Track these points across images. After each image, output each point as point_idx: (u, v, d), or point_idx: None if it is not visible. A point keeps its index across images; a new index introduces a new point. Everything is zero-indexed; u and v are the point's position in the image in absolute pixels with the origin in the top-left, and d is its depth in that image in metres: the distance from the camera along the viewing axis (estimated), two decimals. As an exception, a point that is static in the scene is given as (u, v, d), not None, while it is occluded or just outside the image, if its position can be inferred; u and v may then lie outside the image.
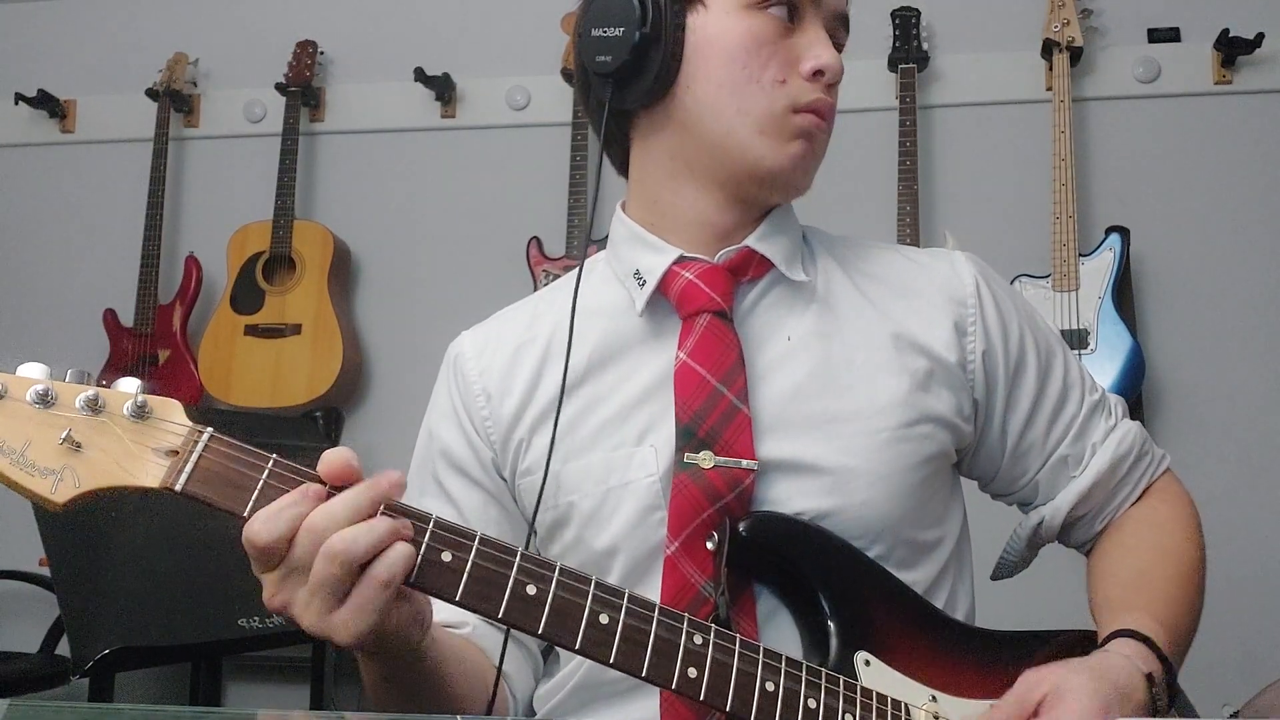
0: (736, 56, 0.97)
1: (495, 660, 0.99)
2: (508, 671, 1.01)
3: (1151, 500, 1.10)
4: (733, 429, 0.94)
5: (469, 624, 1.01)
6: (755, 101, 0.97)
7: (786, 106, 0.97)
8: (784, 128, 0.97)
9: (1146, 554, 1.04)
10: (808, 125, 0.98)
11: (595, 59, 0.99)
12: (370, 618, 0.76)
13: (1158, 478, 1.11)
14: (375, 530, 0.75)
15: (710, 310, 0.99)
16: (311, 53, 3.10)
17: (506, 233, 2.94)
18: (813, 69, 0.97)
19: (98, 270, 3.16)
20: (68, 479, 0.73)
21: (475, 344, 1.09)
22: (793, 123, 0.97)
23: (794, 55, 0.98)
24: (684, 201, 1.02)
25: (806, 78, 0.97)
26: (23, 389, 0.74)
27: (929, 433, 0.99)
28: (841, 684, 0.86)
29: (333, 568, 0.74)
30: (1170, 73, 2.78)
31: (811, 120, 0.98)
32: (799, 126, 0.98)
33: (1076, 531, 1.10)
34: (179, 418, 0.77)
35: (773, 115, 0.97)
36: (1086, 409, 1.08)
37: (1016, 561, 1.13)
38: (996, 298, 1.07)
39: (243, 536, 0.76)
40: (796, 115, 0.97)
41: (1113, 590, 1.02)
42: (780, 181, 1.00)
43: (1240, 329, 2.68)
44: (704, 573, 0.92)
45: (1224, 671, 1.49)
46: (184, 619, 1.68)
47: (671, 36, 0.97)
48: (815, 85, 0.97)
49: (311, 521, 0.75)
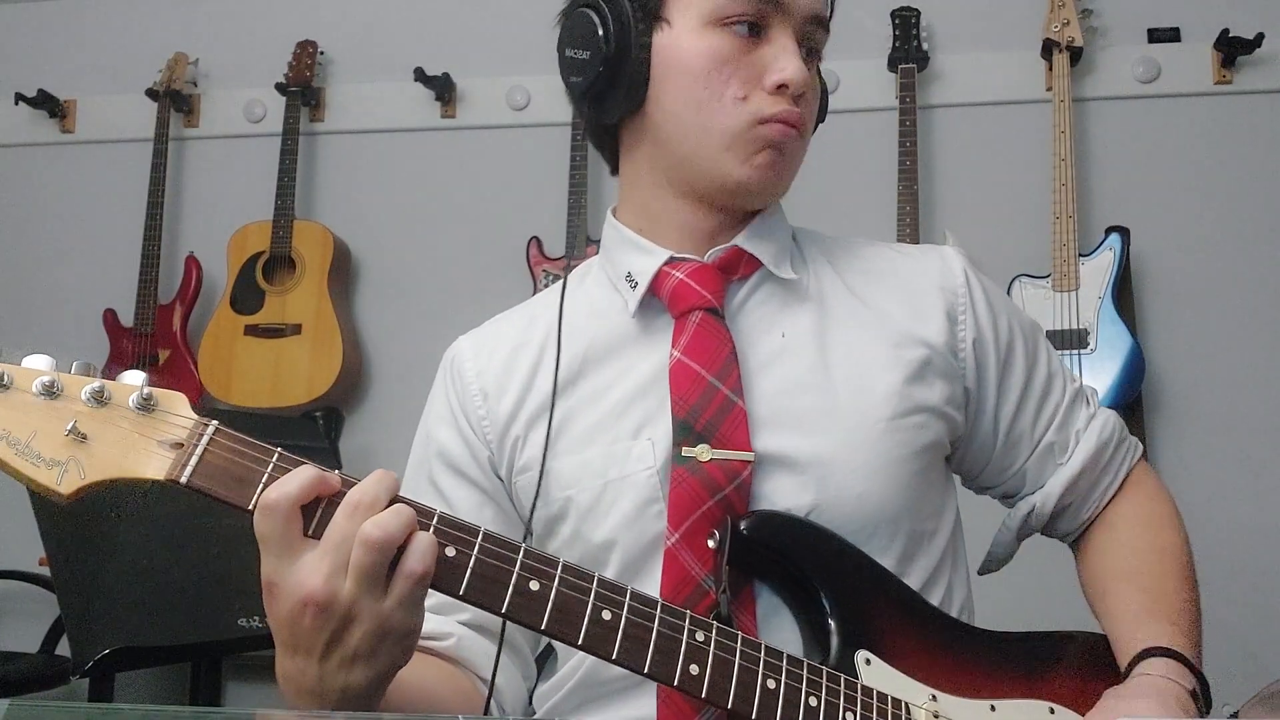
0: (698, 76, 0.98)
1: (480, 672, 1.00)
2: (498, 685, 1.01)
3: (1138, 497, 1.11)
4: (729, 422, 0.95)
5: (453, 635, 1.01)
6: (718, 119, 0.98)
7: (750, 122, 0.97)
8: (749, 142, 0.98)
9: (1152, 557, 1.05)
10: (772, 136, 0.98)
11: (569, 80, 1.03)
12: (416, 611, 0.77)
13: (1135, 464, 1.13)
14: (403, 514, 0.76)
15: (702, 307, 1.00)
16: (311, 53, 3.10)
17: (506, 233, 2.94)
18: (775, 83, 0.97)
19: (98, 270, 3.16)
20: (73, 470, 0.73)
21: (473, 346, 1.11)
22: (757, 135, 0.98)
23: (759, 69, 0.98)
24: (668, 208, 1.04)
25: (770, 91, 0.97)
26: (28, 380, 0.74)
27: (923, 423, 1.00)
28: (842, 682, 0.86)
29: (372, 555, 0.74)
30: (1170, 73, 2.78)
31: (777, 130, 0.98)
32: (764, 138, 0.98)
33: (1063, 521, 1.11)
34: (184, 410, 0.77)
35: (736, 132, 0.98)
36: (1069, 397, 1.11)
37: (1004, 554, 1.15)
38: (985, 288, 1.09)
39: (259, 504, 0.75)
40: (761, 127, 0.97)
41: (1130, 596, 1.03)
42: (751, 192, 1.01)
43: (1240, 329, 2.68)
44: (704, 565, 0.93)
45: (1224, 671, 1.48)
46: (184, 619, 1.68)
47: (637, 56, 0.99)
48: (780, 98, 0.97)
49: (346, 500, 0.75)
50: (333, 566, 0.74)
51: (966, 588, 1.07)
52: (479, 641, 1.02)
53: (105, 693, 1.76)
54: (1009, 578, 1.20)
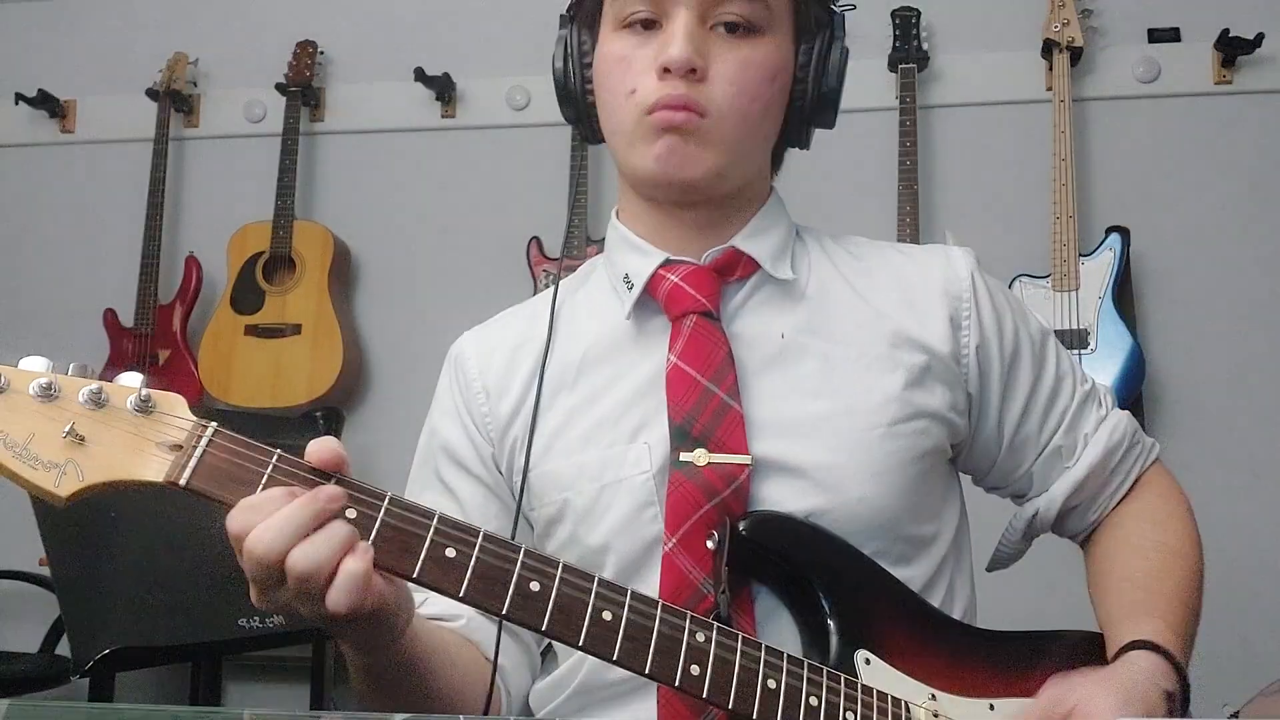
0: (603, 81, 1.01)
1: (489, 653, 0.99)
2: (503, 665, 1.01)
3: (1149, 496, 1.10)
4: (725, 426, 0.95)
5: (463, 616, 1.02)
6: (617, 118, 1.00)
7: (639, 113, 0.97)
8: (642, 132, 0.97)
9: (1154, 555, 1.05)
10: (661, 121, 0.96)
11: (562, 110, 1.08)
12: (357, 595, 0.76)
13: (1149, 467, 1.12)
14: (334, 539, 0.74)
15: (697, 311, 1.00)
16: (311, 53, 3.10)
17: (506, 233, 2.94)
18: (659, 68, 0.96)
19: (98, 270, 3.16)
20: (71, 473, 0.72)
21: (476, 343, 1.11)
22: (648, 124, 0.97)
23: (651, 60, 0.97)
24: (645, 210, 1.05)
25: (658, 77, 0.96)
26: (25, 382, 0.74)
27: (923, 428, 1.00)
28: (843, 682, 0.86)
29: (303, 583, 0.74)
30: (1170, 73, 2.78)
31: (663, 116, 0.95)
32: (654, 125, 0.96)
33: (1070, 521, 1.11)
34: (183, 412, 0.77)
35: (629, 125, 0.98)
36: (1078, 399, 1.09)
37: (1012, 553, 1.14)
38: (991, 291, 1.08)
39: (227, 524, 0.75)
40: (649, 116, 0.96)
41: (1126, 593, 1.02)
42: (662, 181, 0.99)
43: (1240, 329, 2.67)
44: (702, 568, 0.92)
45: (1224, 671, 1.48)
46: (184, 619, 1.68)
47: (581, 77, 1.04)
48: (665, 83, 0.95)
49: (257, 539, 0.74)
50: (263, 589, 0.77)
51: (970, 589, 1.07)
52: (487, 623, 1.02)
53: (105, 693, 1.76)
54: (1014, 578, 1.20)
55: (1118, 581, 1.04)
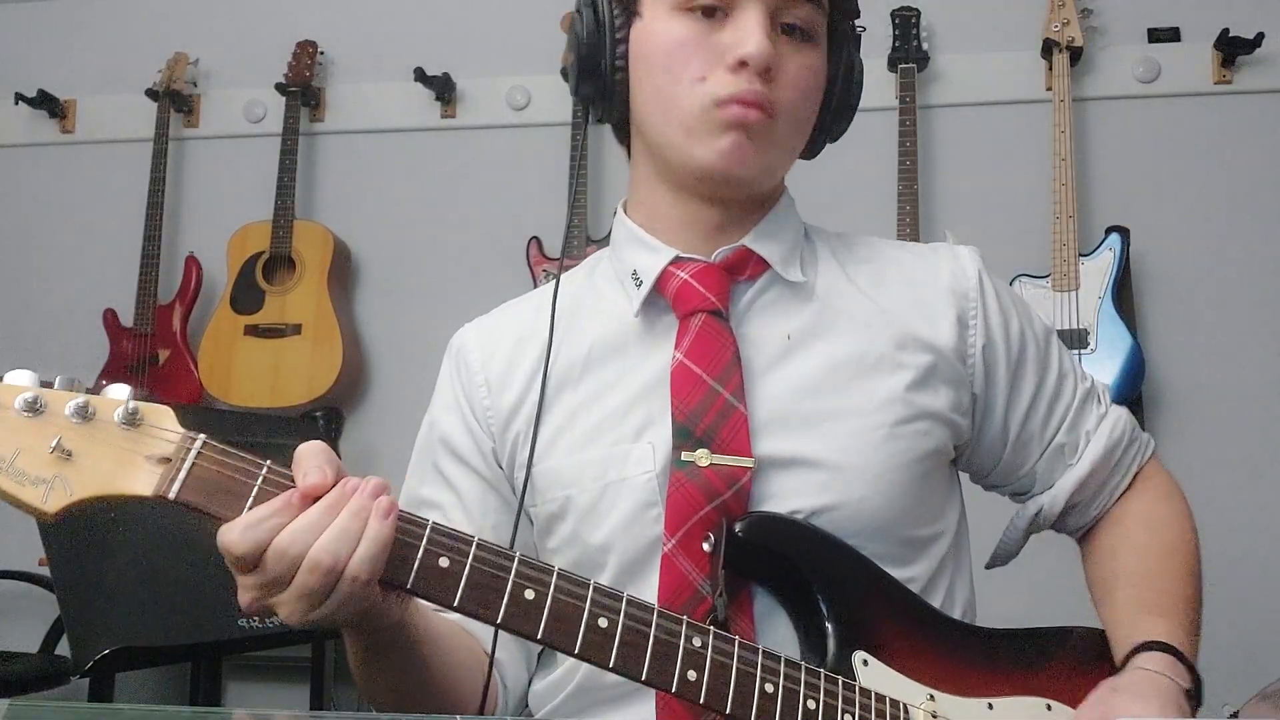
0: (660, 63, 0.98)
1: (487, 645, 0.99)
2: (500, 659, 1.01)
3: (1147, 494, 1.11)
4: (729, 427, 0.95)
5: None
6: (678, 103, 0.97)
7: (709, 103, 0.95)
8: (709, 124, 0.96)
9: (1156, 553, 1.06)
10: (734, 117, 0.95)
11: (575, 88, 1.04)
12: (350, 609, 0.78)
13: (1146, 462, 1.13)
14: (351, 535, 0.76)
15: (705, 310, 0.99)
16: (311, 53, 3.10)
17: (506, 233, 2.94)
18: (735, 60, 0.94)
19: (98, 270, 3.16)
20: (59, 488, 0.72)
21: (478, 335, 1.10)
22: (717, 117, 0.95)
23: (721, 50, 0.96)
24: (666, 203, 1.03)
25: (731, 70, 0.95)
26: (11, 396, 0.73)
27: (927, 429, 1.00)
28: (840, 684, 0.86)
29: (314, 579, 0.75)
30: (1170, 73, 2.78)
31: (734, 112, 0.95)
32: (725, 120, 0.95)
33: (1072, 518, 1.11)
34: (171, 424, 0.77)
35: (695, 114, 0.96)
36: (1079, 398, 1.10)
37: (1012, 550, 1.15)
38: (998, 291, 1.08)
39: (218, 542, 0.76)
40: (720, 109, 0.95)
41: (1132, 592, 1.02)
42: (718, 177, 0.99)
43: (1240, 329, 2.67)
44: (701, 570, 0.92)
45: (1224, 671, 1.48)
46: (184, 619, 1.67)
47: (612, 53, 1.00)
48: (740, 76, 0.95)
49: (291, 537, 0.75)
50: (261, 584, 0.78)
51: (969, 590, 1.07)
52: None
53: (105, 693, 1.76)
54: (1013, 576, 1.20)
55: (1122, 580, 1.04)
